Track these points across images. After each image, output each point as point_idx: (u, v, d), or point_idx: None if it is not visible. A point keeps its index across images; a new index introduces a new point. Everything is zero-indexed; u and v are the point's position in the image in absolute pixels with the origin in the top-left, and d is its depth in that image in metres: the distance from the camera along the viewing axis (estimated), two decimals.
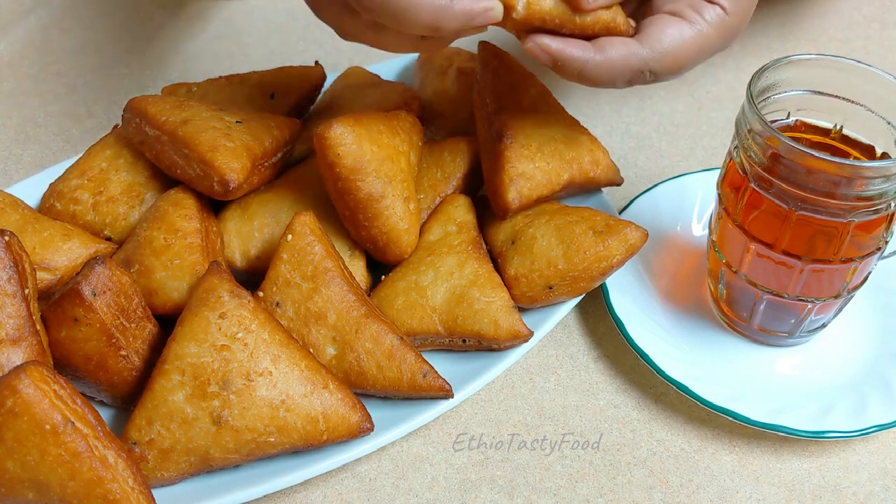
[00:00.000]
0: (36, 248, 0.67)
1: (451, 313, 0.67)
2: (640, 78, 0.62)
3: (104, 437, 0.54)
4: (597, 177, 0.75)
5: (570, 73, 0.61)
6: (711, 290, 0.73)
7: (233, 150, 0.67)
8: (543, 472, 0.65)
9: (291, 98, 0.81)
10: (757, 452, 0.66)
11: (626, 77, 0.61)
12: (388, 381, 0.63)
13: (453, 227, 0.72)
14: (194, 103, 0.73)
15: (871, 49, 1.04)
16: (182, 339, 0.59)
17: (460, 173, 0.77)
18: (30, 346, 0.58)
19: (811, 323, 0.68)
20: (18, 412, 0.51)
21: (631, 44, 0.60)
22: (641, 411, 0.69)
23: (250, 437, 0.58)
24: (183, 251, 0.66)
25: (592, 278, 0.69)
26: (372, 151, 0.66)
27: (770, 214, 0.61)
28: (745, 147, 0.62)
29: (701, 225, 0.80)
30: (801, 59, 0.63)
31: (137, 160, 0.73)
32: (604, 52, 0.60)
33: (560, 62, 0.60)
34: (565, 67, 0.60)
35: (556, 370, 0.72)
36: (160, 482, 0.59)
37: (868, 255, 0.62)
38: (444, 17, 0.56)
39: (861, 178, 0.57)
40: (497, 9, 0.56)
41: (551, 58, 0.59)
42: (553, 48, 0.59)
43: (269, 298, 0.65)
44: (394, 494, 0.64)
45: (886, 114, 0.63)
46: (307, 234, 0.65)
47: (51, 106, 0.96)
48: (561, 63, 0.60)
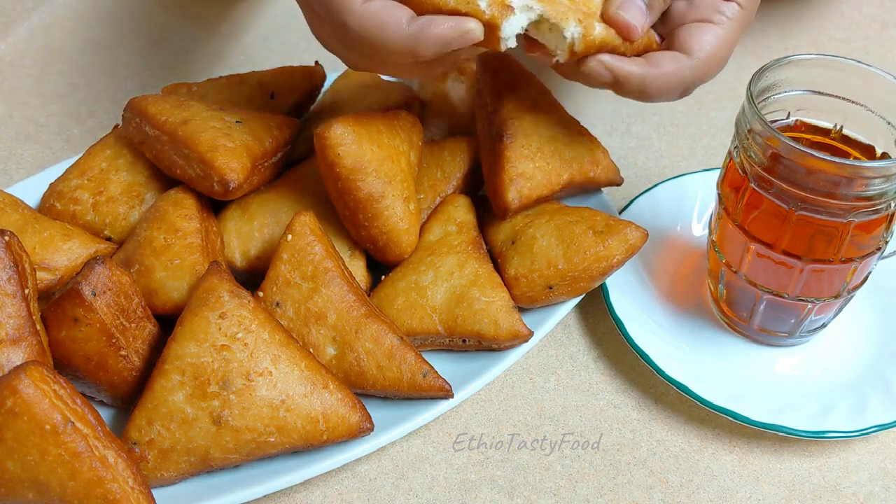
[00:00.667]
0: (36, 248, 0.67)
1: (451, 313, 0.67)
2: (692, 87, 0.65)
3: (104, 437, 0.54)
4: (597, 177, 0.75)
5: (631, 89, 0.63)
6: (711, 290, 0.73)
7: (233, 150, 0.67)
8: (543, 472, 0.65)
9: (291, 98, 0.81)
10: (757, 452, 0.66)
11: (680, 89, 0.64)
12: (388, 381, 0.63)
13: (453, 227, 0.72)
14: (194, 103, 0.73)
15: (871, 49, 1.04)
16: (182, 339, 0.59)
17: (460, 173, 0.77)
18: (30, 346, 0.58)
19: (811, 323, 0.68)
20: (18, 412, 0.51)
21: (679, 57, 0.63)
22: (641, 411, 0.69)
23: (250, 437, 0.58)
24: (183, 251, 0.66)
25: (592, 278, 0.69)
26: (372, 151, 0.66)
27: (770, 214, 0.61)
28: (745, 147, 0.62)
29: (701, 225, 0.80)
30: (801, 59, 0.63)
31: (137, 160, 0.73)
32: (659, 67, 0.63)
33: (622, 79, 0.62)
34: (627, 84, 0.63)
35: (556, 370, 0.72)
36: (160, 482, 0.59)
37: (868, 255, 0.62)
38: (420, 45, 0.57)
39: (861, 178, 0.57)
40: (476, 30, 0.57)
41: (614, 76, 0.62)
42: (616, 67, 0.62)
43: (269, 298, 0.65)
44: (394, 494, 0.64)
45: (886, 114, 0.62)
46: (307, 234, 0.65)
47: (52, 106, 0.96)
48: (623, 80, 0.63)
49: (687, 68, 0.63)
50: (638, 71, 0.62)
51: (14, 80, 0.99)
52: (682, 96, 0.66)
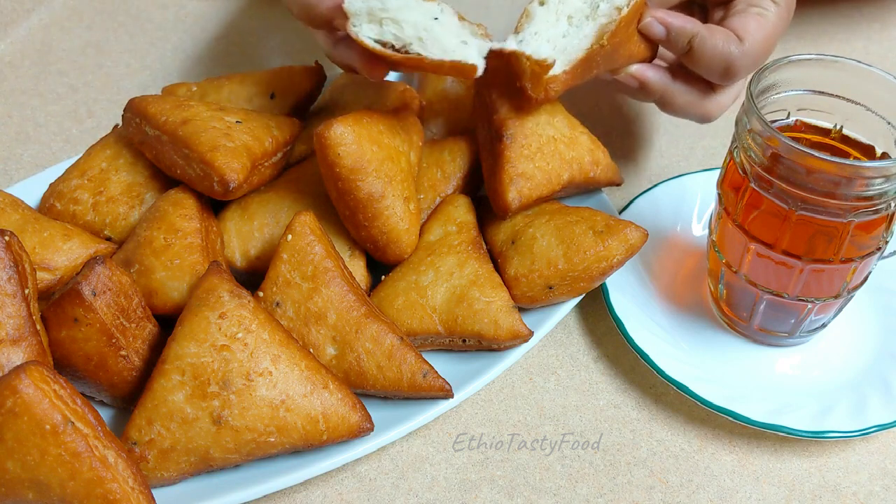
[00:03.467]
0: (36, 248, 0.67)
1: (451, 313, 0.67)
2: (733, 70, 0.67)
3: (104, 437, 0.54)
4: (597, 177, 0.75)
5: (681, 44, 0.67)
6: (711, 290, 0.73)
7: (233, 150, 0.67)
8: (543, 472, 0.65)
9: (291, 98, 0.81)
10: (757, 452, 0.66)
11: (724, 64, 0.67)
12: (388, 381, 0.63)
13: (453, 227, 0.72)
14: (194, 103, 0.73)
15: (871, 49, 1.04)
16: (182, 339, 0.59)
17: (460, 173, 0.77)
18: (30, 346, 0.58)
19: (811, 323, 0.68)
20: (18, 412, 0.51)
21: (729, 33, 0.67)
22: (641, 411, 0.69)
23: (250, 437, 0.58)
24: (183, 251, 0.66)
25: (592, 278, 0.69)
26: (372, 151, 0.66)
27: (770, 214, 0.61)
28: (745, 147, 0.62)
29: (701, 225, 0.80)
30: (801, 59, 0.63)
31: (137, 160, 0.73)
32: (710, 31, 0.67)
33: (673, 33, 0.67)
34: (678, 38, 0.67)
35: (556, 370, 0.72)
36: (160, 482, 0.59)
37: (868, 255, 0.62)
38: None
39: (861, 178, 0.57)
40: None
41: (666, 29, 0.67)
42: (668, 20, 0.67)
43: (269, 298, 0.65)
44: (394, 494, 0.64)
45: (886, 114, 0.63)
46: (307, 234, 0.65)
47: (51, 106, 0.96)
48: (675, 33, 0.67)
49: (735, 43, 0.66)
50: (690, 26, 0.66)
51: (13, 81, 0.99)
52: (723, 78, 0.68)
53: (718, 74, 0.68)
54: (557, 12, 0.65)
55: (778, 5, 0.69)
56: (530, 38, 0.64)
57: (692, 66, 0.69)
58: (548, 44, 0.64)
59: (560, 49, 0.65)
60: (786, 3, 0.70)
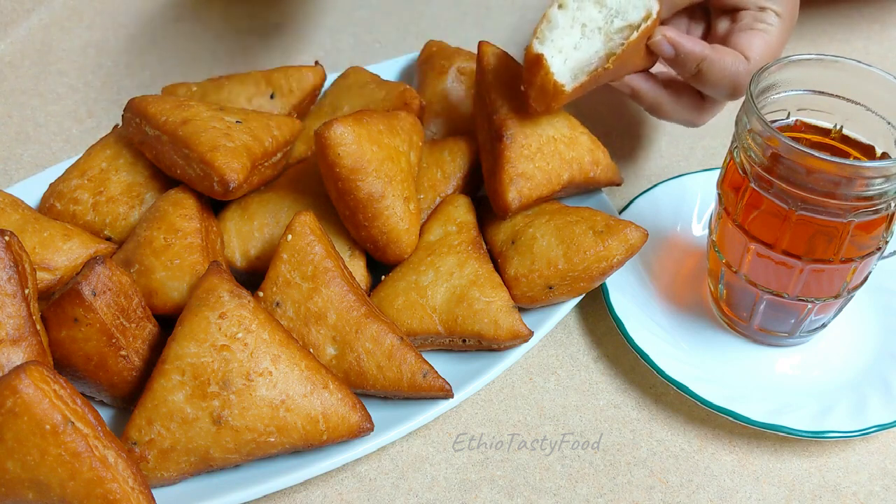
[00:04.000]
0: (36, 248, 0.67)
1: (451, 313, 0.67)
2: (740, 91, 0.69)
3: (104, 437, 0.54)
4: (597, 177, 0.75)
5: (688, 67, 0.68)
6: (711, 290, 0.73)
7: (233, 150, 0.67)
8: (543, 472, 0.65)
9: (291, 98, 0.81)
10: (757, 452, 0.66)
11: (731, 85, 0.68)
12: (388, 381, 0.63)
13: (453, 227, 0.72)
14: (194, 103, 0.73)
15: (871, 49, 1.04)
16: (182, 339, 0.59)
17: (460, 173, 0.77)
18: (30, 346, 0.58)
19: (811, 323, 0.68)
20: (18, 412, 0.51)
21: (737, 55, 0.68)
22: (641, 411, 0.69)
23: (250, 437, 0.58)
24: (183, 251, 0.66)
25: (592, 278, 0.69)
26: (372, 151, 0.66)
27: (770, 214, 0.61)
28: (745, 147, 0.62)
29: (701, 225, 0.80)
30: (801, 59, 0.63)
31: (137, 160, 0.73)
32: (719, 54, 0.67)
33: (682, 55, 0.67)
34: (686, 61, 0.67)
35: (556, 370, 0.72)
36: (160, 482, 0.59)
37: (868, 255, 0.62)
38: None
39: (861, 178, 0.57)
40: None
41: (675, 51, 0.67)
42: (678, 42, 0.67)
43: (269, 298, 0.65)
44: (394, 494, 0.64)
45: (886, 114, 0.62)
46: (307, 234, 0.65)
47: (51, 106, 0.96)
48: (683, 56, 0.67)
49: (743, 65, 0.68)
50: (699, 49, 0.67)
51: (13, 81, 0.99)
52: (730, 97, 0.70)
53: (726, 95, 0.70)
54: (574, 19, 0.65)
55: (781, 18, 0.70)
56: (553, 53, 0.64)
57: (699, 86, 0.70)
58: (560, 54, 0.64)
59: (569, 66, 0.65)
60: (789, 15, 0.70)
